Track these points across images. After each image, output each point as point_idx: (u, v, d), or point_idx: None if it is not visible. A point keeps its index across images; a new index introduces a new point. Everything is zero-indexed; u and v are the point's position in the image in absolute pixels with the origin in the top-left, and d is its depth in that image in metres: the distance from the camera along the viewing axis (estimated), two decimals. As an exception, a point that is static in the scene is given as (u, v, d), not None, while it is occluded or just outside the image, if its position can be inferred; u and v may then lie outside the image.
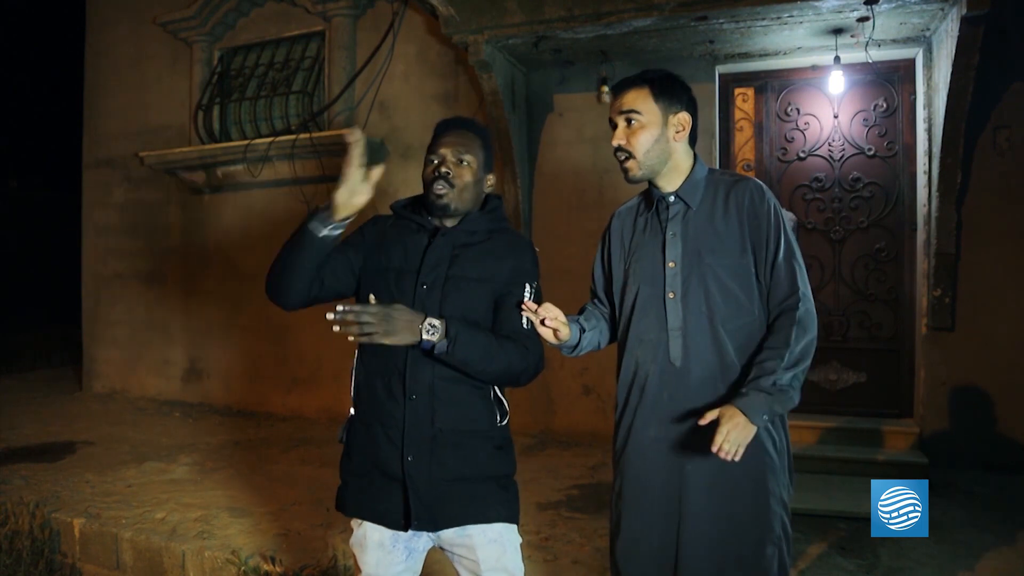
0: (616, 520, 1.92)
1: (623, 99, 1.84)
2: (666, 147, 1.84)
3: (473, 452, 1.74)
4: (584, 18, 4.20)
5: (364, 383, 1.80)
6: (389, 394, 1.73)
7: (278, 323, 6.02)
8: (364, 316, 1.56)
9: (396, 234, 1.83)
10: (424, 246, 1.78)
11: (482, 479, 1.75)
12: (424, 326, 1.60)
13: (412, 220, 1.84)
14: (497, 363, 1.69)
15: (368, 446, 1.76)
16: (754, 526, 1.78)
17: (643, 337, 1.87)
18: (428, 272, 1.75)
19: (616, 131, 1.85)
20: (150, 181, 6.59)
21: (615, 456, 1.95)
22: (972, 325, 4.28)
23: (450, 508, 1.72)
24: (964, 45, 3.68)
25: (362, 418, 1.79)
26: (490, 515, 1.74)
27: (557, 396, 5.07)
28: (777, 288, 1.78)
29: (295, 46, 6.03)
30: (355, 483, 1.79)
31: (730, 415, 1.66)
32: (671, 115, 1.83)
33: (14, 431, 5.37)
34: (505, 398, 1.82)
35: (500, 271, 1.78)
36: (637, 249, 1.92)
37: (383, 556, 1.75)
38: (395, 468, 1.72)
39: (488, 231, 1.82)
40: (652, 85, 1.83)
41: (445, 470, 1.71)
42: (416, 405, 1.71)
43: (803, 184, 4.81)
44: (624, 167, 1.85)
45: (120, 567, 3.38)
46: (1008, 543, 3.21)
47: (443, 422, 1.72)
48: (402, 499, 1.71)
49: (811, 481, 4.02)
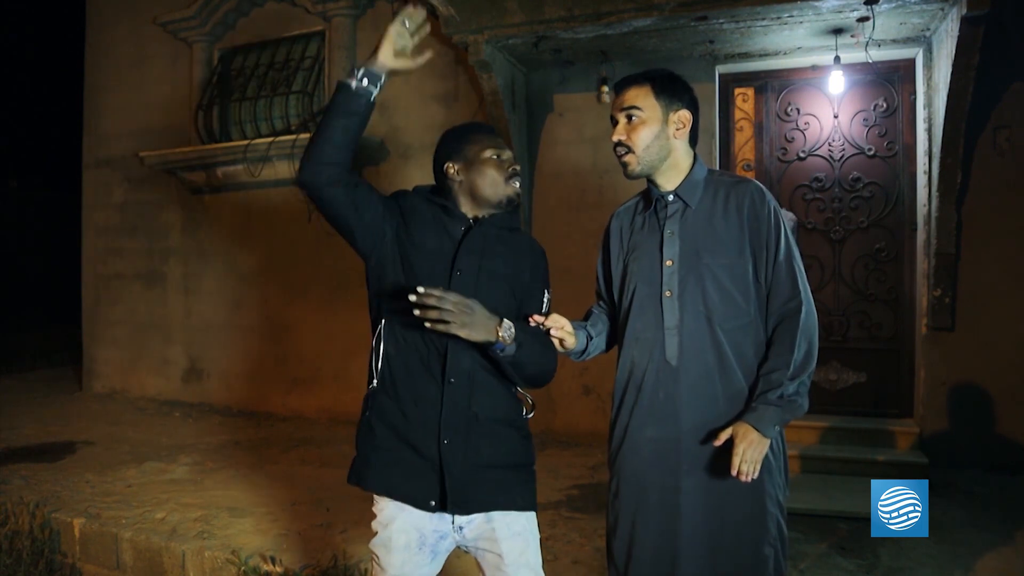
0: (613, 520, 1.92)
1: (624, 96, 1.87)
2: (666, 144, 1.85)
3: (504, 440, 1.77)
4: (584, 18, 4.20)
5: (396, 356, 1.76)
6: (427, 373, 1.73)
7: (278, 323, 6.03)
8: (446, 303, 1.54)
9: (430, 216, 1.83)
10: (459, 234, 1.80)
11: (511, 466, 1.78)
12: (502, 329, 1.62)
13: (444, 207, 1.84)
14: (539, 367, 1.75)
15: (398, 423, 1.74)
16: (750, 527, 1.78)
17: (639, 335, 1.87)
18: (463, 259, 1.76)
19: (616, 127, 1.87)
20: (150, 181, 6.59)
21: (611, 456, 1.95)
22: (972, 325, 4.28)
23: (482, 493, 1.73)
24: (964, 45, 3.68)
25: (390, 393, 1.76)
26: (518, 502, 1.77)
27: (557, 396, 5.07)
28: (778, 291, 1.79)
29: (295, 46, 6.03)
30: (379, 458, 1.76)
31: (743, 433, 1.69)
32: (672, 112, 1.85)
33: (14, 431, 5.37)
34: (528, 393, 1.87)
35: (522, 270, 1.84)
36: (635, 248, 1.92)
37: (409, 557, 1.74)
38: (430, 449, 1.71)
39: (509, 229, 1.87)
40: (654, 83, 1.85)
41: (479, 456, 1.72)
42: (455, 389, 1.71)
43: (803, 184, 4.81)
44: (623, 162, 1.87)
45: (120, 567, 3.38)
46: (1008, 543, 3.21)
47: (479, 408, 1.73)
48: (437, 481, 1.71)
49: (811, 481, 4.02)
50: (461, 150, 1.86)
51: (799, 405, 1.75)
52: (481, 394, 1.74)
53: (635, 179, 1.90)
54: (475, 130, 1.91)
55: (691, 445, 1.79)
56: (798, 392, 1.75)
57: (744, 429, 1.70)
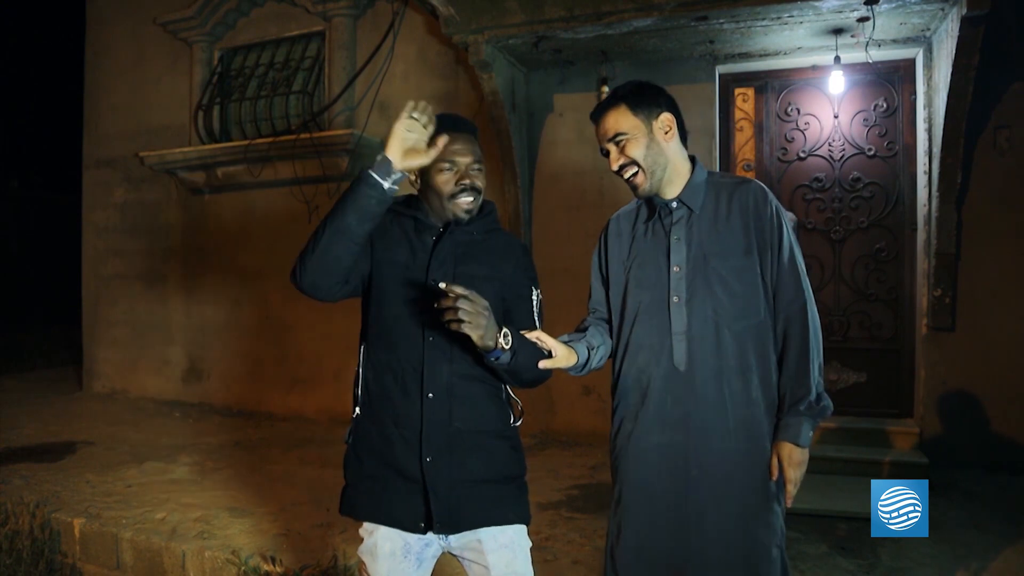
0: (617, 528, 1.89)
1: (605, 125, 1.85)
2: (660, 151, 1.83)
3: (491, 452, 1.73)
4: (584, 18, 4.20)
5: (373, 380, 1.74)
6: (403, 392, 1.69)
7: (278, 323, 6.03)
8: (463, 303, 1.49)
9: (399, 230, 1.78)
10: (430, 244, 1.75)
11: (500, 480, 1.74)
12: (502, 336, 1.57)
13: (412, 218, 1.79)
14: (534, 373, 1.70)
15: (381, 447, 1.71)
16: (760, 529, 1.78)
17: (645, 342, 1.85)
18: (437, 269, 1.71)
19: (611, 157, 1.86)
20: (150, 181, 6.59)
21: (613, 463, 1.93)
22: (972, 325, 4.28)
23: (470, 510, 1.69)
24: (964, 45, 3.68)
25: (372, 418, 1.74)
26: (509, 516, 1.74)
27: (557, 396, 5.07)
28: (783, 290, 1.80)
29: (295, 46, 6.03)
30: (366, 486, 1.73)
31: (789, 455, 1.74)
32: (653, 121, 1.84)
33: (14, 431, 5.37)
34: (517, 398, 1.83)
35: (504, 270, 1.78)
36: (638, 255, 1.91)
37: (395, 565, 1.71)
38: (413, 470, 1.68)
39: (486, 231, 1.82)
40: (626, 100, 1.84)
41: (464, 471, 1.69)
42: (433, 404, 1.67)
43: (803, 184, 4.81)
44: (633, 183, 1.85)
45: (120, 567, 3.38)
46: (1008, 543, 3.21)
47: (461, 421, 1.69)
48: (422, 501, 1.67)
49: (811, 481, 3.98)
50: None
51: (826, 407, 1.78)
52: (462, 407, 1.69)
53: (647, 197, 1.88)
54: (441, 126, 1.70)
55: (700, 451, 1.78)
56: (820, 396, 1.78)
57: (789, 451, 1.74)
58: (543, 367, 1.71)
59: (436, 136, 1.62)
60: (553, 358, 1.72)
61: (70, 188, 8.96)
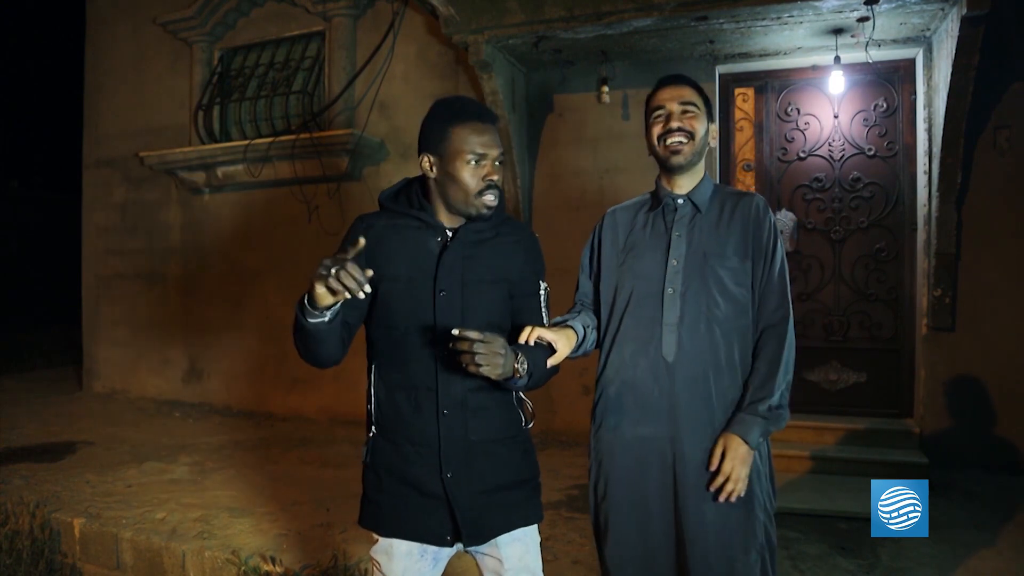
0: (604, 523, 1.90)
1: (682, 90, 1.90)
2: (704, 144, 1.91)
3: (505, 459, 1.73)
4: (584, 18, 4.20)
5: (386, 400, 1.72)
6: (417, 410, 1.67)
7: (278, 323, 6.02)
8: (479, 347, 1.48)
9: (397, 237, 1.70)
10: (436, 250, 1.69)
11: (517, 484, 1.75)
12: (518, 362, 1.58)
13: (414, 219, 1.72)
14: (546, 377, 1.71)
15: (399, 464, 1.70)
16: (740, 533, 1.78)
17: (634, 333, 1.87)
18: (445, 278, 1.67)
19: (670, 116, 1.87)
20: (150, 181, 6.59)
21: (595, 455, 1.92)
22: (972, 325, 4.28)
23: (493, 519, 1.70)
24: (964, 45, 3.68)
25: (388, 437, 1.71)
26: (530, 518, 1.76)
27: (557, 396, 5.07)
28: (768, 299, 1.84)
29: (295, 46, 6.03)
30: (387, 502, 1.71)
31: (734, 447, 1.73)
32: (711, 123, 1.93)
33: (14, 431, 5.37)
34: (527, 399, 1.82)
35: (511, 269, 1.75)
36: (634, 246, 1.92)
37: (411, 565, 1.71)
38: (434, 486, 1.67)
39: (495, 226, 1.76)
40: (701, 92, 1.93)
41: (484, 481, 1.69)
42: (449, 420, 1.66)
43: (803, 184, 4.81)
44: (677, 148, 1.85)
45: (120, 567, 3.38)
46: (1008, 543, 3.21)
47: (476, 433, 1.69)
48: (448, 516, 1.68)
49: (811, 481, 4.02)
50: (440, 140, 1.68)
51: (783, 416, 1.79)
52: (476, 419, 1.69)
53: (678, 172, 1.88)
54: (462, 114, 1.66)
55: (686, 445, 1.79)
56: (781, 403, 1.79)
57: (735, 442, 1.73)
58: (551, 364, 1.71)
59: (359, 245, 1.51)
60: (557, 352, 1.72)
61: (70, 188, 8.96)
